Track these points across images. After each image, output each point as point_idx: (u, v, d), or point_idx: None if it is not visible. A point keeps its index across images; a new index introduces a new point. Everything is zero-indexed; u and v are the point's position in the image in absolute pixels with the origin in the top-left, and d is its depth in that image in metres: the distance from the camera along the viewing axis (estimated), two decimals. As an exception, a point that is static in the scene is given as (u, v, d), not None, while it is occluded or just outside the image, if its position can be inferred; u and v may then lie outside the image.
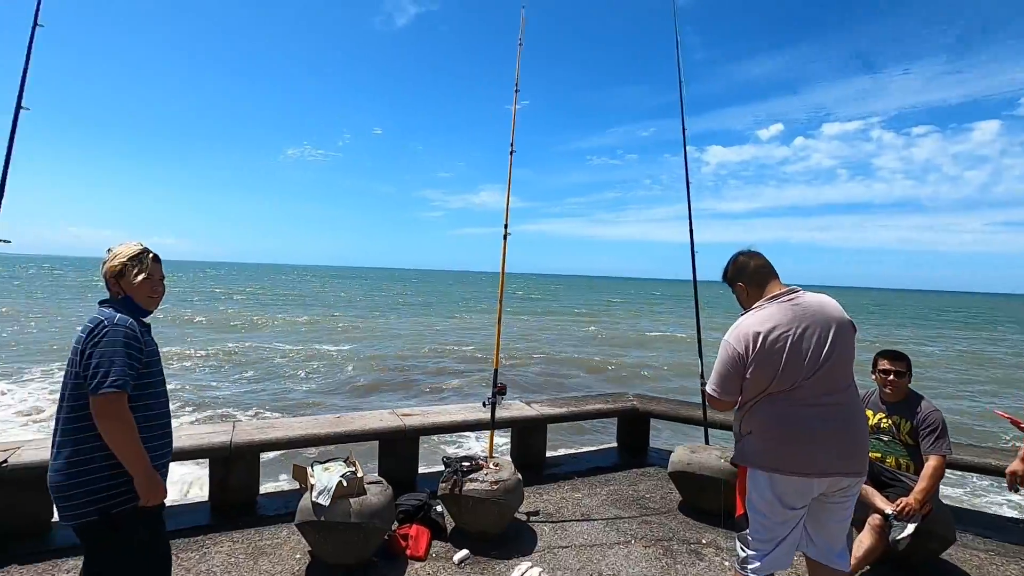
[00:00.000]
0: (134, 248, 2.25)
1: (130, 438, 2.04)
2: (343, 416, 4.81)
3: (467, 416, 4.94)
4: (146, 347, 2.17)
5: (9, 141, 2.90)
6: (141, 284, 2.22)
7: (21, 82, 2.95)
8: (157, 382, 2.25)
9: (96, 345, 2.03)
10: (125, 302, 2.21)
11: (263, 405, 11.42)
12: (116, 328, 2.07)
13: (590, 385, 15.39)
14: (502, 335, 4.49)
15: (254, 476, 4.33)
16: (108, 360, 2.01)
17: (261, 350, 19.06)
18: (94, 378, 2.00)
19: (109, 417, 2.01)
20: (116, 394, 2.00)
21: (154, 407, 2.22)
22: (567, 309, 48.92)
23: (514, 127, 4.64)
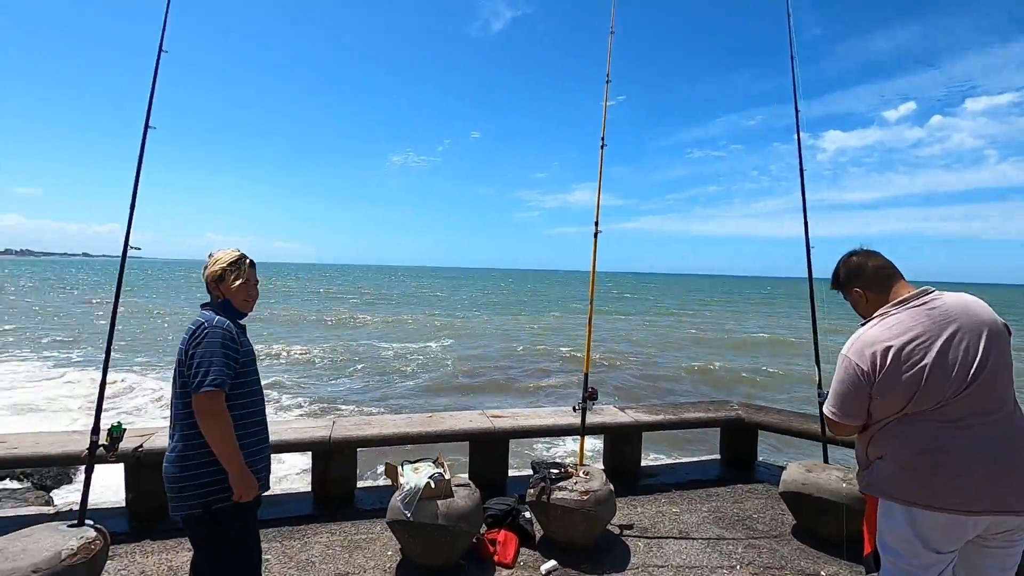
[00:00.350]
0: (233, 254, 2.37)
1: (226, 435, 2.14)
2: (435, 416, 4.87)
3: (557, 420, 4.81)
4: (242, 347, 2.27)
5: (139, 158, 3.21)
6: (239, 289, 2.34)
7: (148, 103, 3.25)
8: (252, 381, 2.35)
9: (197, 346, 2.16)
10: (224, 305, 2.33)
11: (364, 401, 12.07)
12: (215, 330, 2.18)
13: (690, 391, 14.64)
14: (595, 337, 4.31)
15: (352, 470, 4.51)
16: (208, 360, 2.12)
17: (367, 348, 20.23)
18: (195, 377, 2.12)
19: (208, 414, 2.12)
20: (214, 392, 2.10)
21: (250, 405, 2.32)
22: (664, 309, 47.05)
23: (605, 120, 4.44)
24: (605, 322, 31.66)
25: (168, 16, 3.35)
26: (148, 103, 3.24)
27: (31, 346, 18.69)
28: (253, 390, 2.34)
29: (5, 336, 21.03)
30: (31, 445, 3.85)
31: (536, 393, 13.44)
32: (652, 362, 18.59)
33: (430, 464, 3.63)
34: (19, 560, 2.52)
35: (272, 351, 18.43)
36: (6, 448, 3.79)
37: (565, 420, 4.82)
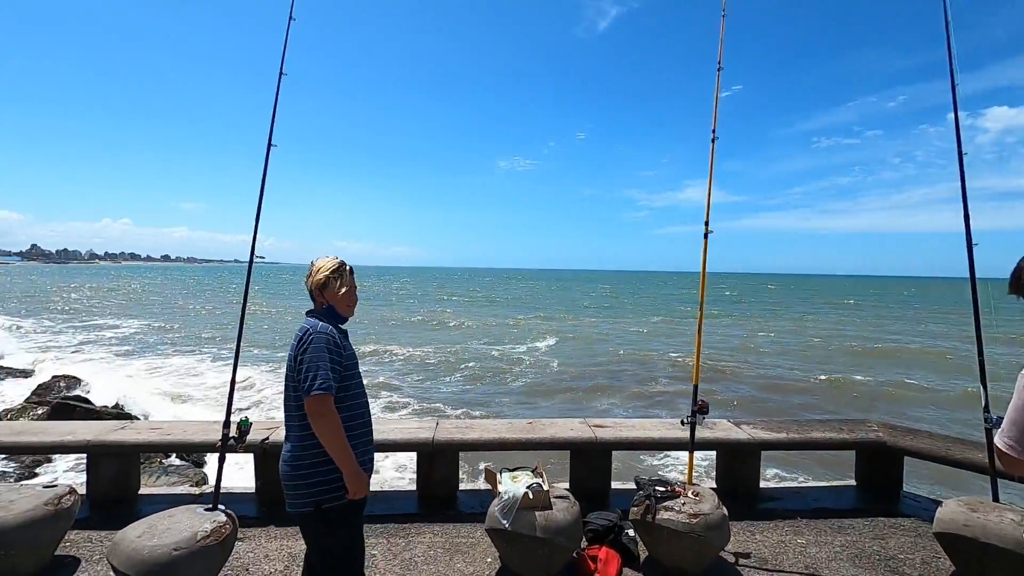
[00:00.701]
0: (333, 262, 2.46)
1: (338, 435, 2.22)
2: (535, 422, 4.81)
3: (664, 433, 4.52)
4: (345, 351, 2.35)
5: (263, 173, 3.49)
6: (344, 296, 2.44)
7: (271, 123, 3.53)
8: (356, 384, 2.42)
9: (304, 352, 2.26)
10: (328, 311, 2.43)
11: (467, 402, 12.35)
12: (319, 336, 2.27)
13: (816, 406, 13.16)
14: (708, 344, 4.00)
15: (454, 472, 4.57)
16: (315, 365, 2.21)
17: (472, 349, 20.81)
18: (305, 381, 2.22)
19: (319, 416, 2.20)
20: (324, 395, 2.19)
21: (355, 407, 2.39)
22: (786, 313, 42.84)
23: (716, 111, 4.12)
24: (719, 327, 29.77)
25: (288, 42, 3.62)
26: (271, 122, 3.52)
27: (193, 342, 21.52)
28: (357, 392, 2.42)
29: (174, 334, 24.42)
30: (180, 432, 4.35)
31: (642, 400, 12.91)
32: (772, 372, 16.96)
33: (528, 473, 3.56)
34: (164, 538, 2.82)
35: (377, 352, 19.46)
36: (160, 434, 4.31)
37: (672, 433, 4.52)
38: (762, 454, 4.70)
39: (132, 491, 4.46)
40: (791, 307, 50.25)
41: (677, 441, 4.44)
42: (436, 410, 11.44)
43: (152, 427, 4.49)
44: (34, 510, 3.25)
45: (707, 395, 3.90)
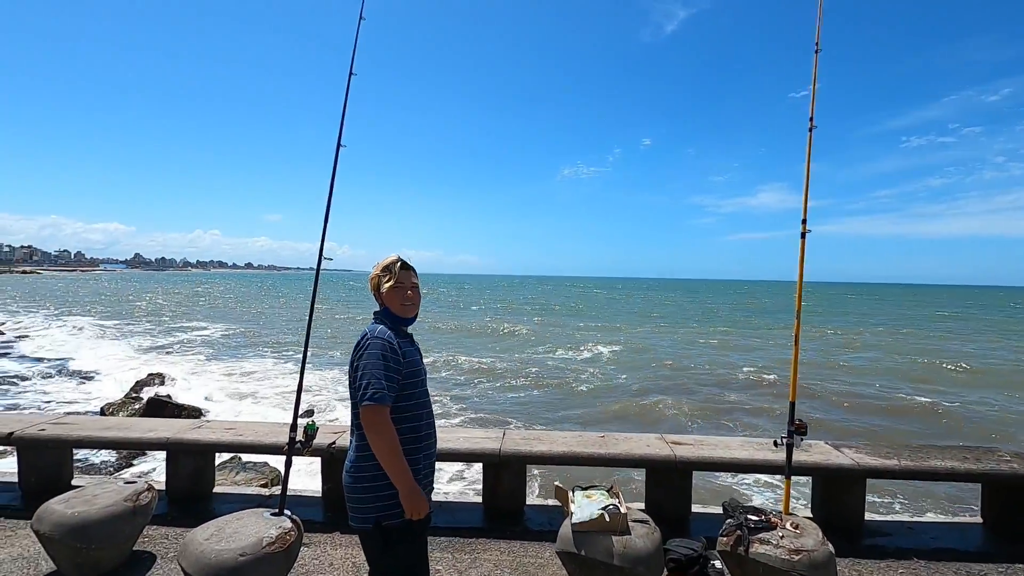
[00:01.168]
0: (387, 259, 2.30)
1: (393, 450, 2.05)
2: (608, 436, 4.50)
3: (752, 454, 4.09)
4: (405, 358, 2.17)
5: (332, 174, 3.44)
6: (391, 292, 2.25)
7: (341, 123, 3.48)
8: (420, 393, 2.25)
9: (360, 358, 2.11)
10: (384, 313, 2.27)
11: (533, 409, 12.10)
12: (375, 341, 2.12)
13: (930, 431, 11.53)
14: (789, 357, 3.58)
15: (521, 485, 4.35)
16: (369, 373, 2.06)
17: (537, 357, 20.57)
18: (359, 390, 2.08)
19: (372, 428, 2.05)
20: (375, 407, 2.03)
21: (416, 419, 2.22)
22: (876, 325, 39.37)
23: (814, 96, 3.71)
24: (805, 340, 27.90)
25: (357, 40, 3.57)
26: (340, 123, 3.48)
27: (270, 345, 22.65)
28: (420, 403, 2.24)
29: (253, 337, 25.83)
30: (251, 434, 4.40)
31: (713, 416, 12.10)
32: (864, 391, 15.26)
33: (603, 493, 3.28)
34: (231, 542, 2.77)
35: (440, 359, 19.54)
36: (233, 434, 4.37)
37: (761, 455, 4.08)
38: (867, 482, 4.16)
39: (207, 488, 4.55)
40: (879, 319, 46.30)
41: (767, 464, 4.00)
42: (499, 418, 11.27)
43: (226, 427, 4.57)
44: (115, 505, 3.33)
45: (785, 414, 3.45)
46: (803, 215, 3.61)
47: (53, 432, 4.36)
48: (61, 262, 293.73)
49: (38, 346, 20.96)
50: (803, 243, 3.60)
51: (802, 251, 3.60)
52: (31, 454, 4.43)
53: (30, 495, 4.37)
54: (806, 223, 3.60)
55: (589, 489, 3.32)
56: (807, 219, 3.60)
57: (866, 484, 4.15)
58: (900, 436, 11.11)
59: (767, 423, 11.23)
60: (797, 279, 3.56)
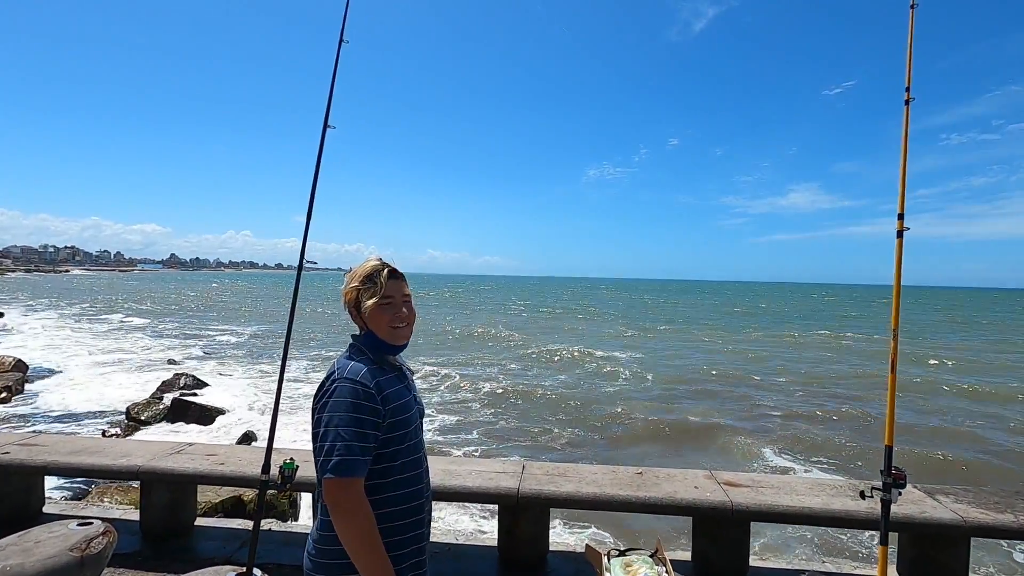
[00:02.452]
0: (368, 266, 1.66)
1: (362, 540, 1.46)
2: (647, 473, 3.81)
3: (828, 503, 3.34)
4: (388, 403, 1.56)
5: (318, 156, 2.86)
6: (376, 312, 1.62)
7: (328, 99, 2.89)
8: (410, 448, 1.62)
9: (324, 407, 1.52)
10: (368, 340, 1.65)
11: (556, 423, 11.34)
12: (342, 385, 1.51)
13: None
14: (829, 372, 2.84)
15: (543, 530, 3.69)
16: (333, 431, 1.47)
17: (561, 360, 19.83)
18: (318, 454, 1.49)
19: (337, 510, 1.47)
20: (341, 481, 1.44)
21: (400, 484, 1.60)
22: (920, 332, 36.63)
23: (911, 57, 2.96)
24: (833, 353, 26.45)
25: (347, 10, 2.97)
26: (328, 99, 2.89)
27: (297, 345, 22.44)
28: (409, 462, 1.62)
29: (281, 337, 25.69)
30: (235, 462, 3.84)
31: (752, 435, 11.01)
32: (949, 422, 12.13)
33: (646, 559, 2.60)
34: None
35: (450, 363, 18.67)
36: (214, 462, 3.82)
37: (839, 504, 3.33)
38: (971, 540, 3.37)
39: (187, 521, 4.02)
40: (926, 326, 43.38)
41: (849, 517, 3.25)
42: (517, 437, 10.53)
43: (208, 453, 4.04)
44: (57, 556, 2.78)
45: (863, 447, 2.73)
46: (900, 209, 2.87)
47: (18, 456, 3.89)
48: (102, 262, 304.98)
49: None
50: (900, 244, 2.85)
51: (899, 255, 2.86)
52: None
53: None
54: (903, 219, 2.86)
55: (629, 554, 2.65)
56: (904, 214, 2.87)
57: (971, 544, 3.36)
58: (990, 476, 8.78)
59: (827, 458, 9.66)
60: (896, 285, 2.82)
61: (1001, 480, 8.52)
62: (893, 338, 2.82)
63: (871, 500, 2.78)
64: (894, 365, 2.81)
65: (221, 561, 3.62)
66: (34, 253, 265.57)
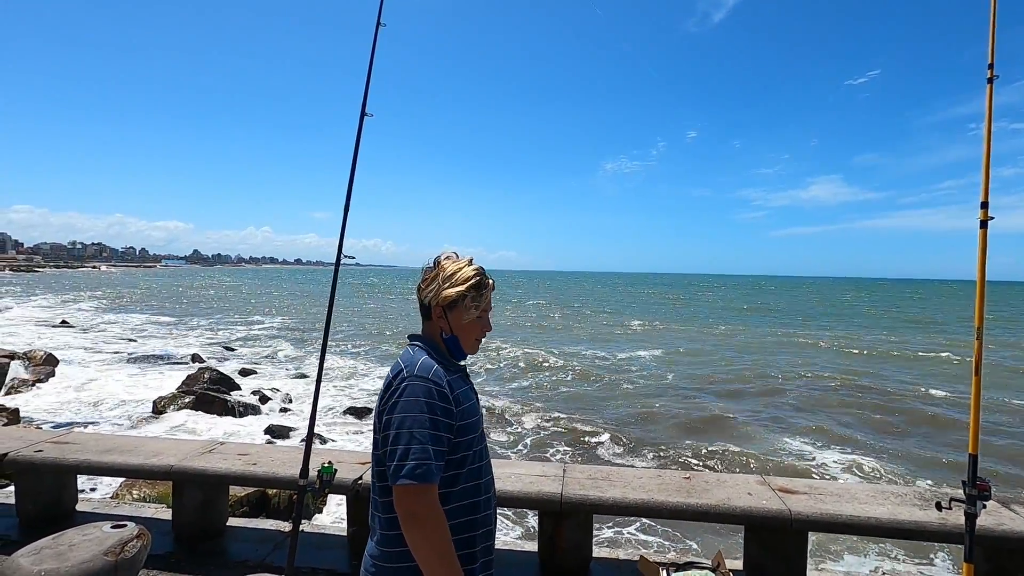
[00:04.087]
0: (471, 269, 1.55)
1: (439, 552, 1.35)
2: (695, 477, 3.62)
3: (895, 512, 3.12)
4: (458, 405, 1.45)
5: (355, 145, 2.73)
6: (473, 324, 1.55)
7: (366, 87, 2.75)
8: (477, 454, 1.51)
9: (394, 408, 1.39)
10: (451, 343, 1.55)
11: (587, 419, 11.16)
12: (415, 383, 1.39)
13: None
14: (843, 366, 2.61)
15: (587, 537, 3.53)
16: (407, 433, 1.35)
17: (584, 358, 19.63)
18: (391, 458, 1.37)
19: (412, 520, 1.35)
20: (418, 488, 1.33)
21: (475, 493, 1.50)
22: (953, 330, 35.14)
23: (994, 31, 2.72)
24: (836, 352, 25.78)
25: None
26: (365, 90, 2.75)
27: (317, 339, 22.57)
28: (477, 468, 1.51)
29: (303, 332, 25.91)
30: (268, 462, 3.74)
31: (785, 433, 10.78)
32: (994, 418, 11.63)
33: (709, 574, 2.43)
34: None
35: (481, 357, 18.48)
36: (246, 462, 3.73)
37: (906, 512, 3.11)
38: (1053, 555, 3.12)
39: (219, 522, 3.94)
40: (954, 322, 41.99)
41: (919, 528, 3.02)
42: (552, 430, 10.36)
43: (240, 452, 3.95)
44: (92, 561, 2.71)
45: (927, 449, 2.51)
46: (983, 197, 2.63)
47: (51, 455, 3.84)
48: (127, 258, 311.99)
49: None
50: (984, 235, 2.62)
51: (982, 247, 2.63)
52: (27, 478, 3.93)
53: (27, 523, 3.89)
54: (987, 208, 2.63)
55: (690, 568, 2.47)
56: (988, 202, 2.63)
57: (1052, 558, 3.12)
58: None
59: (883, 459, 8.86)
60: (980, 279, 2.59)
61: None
62: (977, 338, 2.59)
63: (947, 512, 2.58)
64: (978, 367, 2.58)
65: (255, 564, 3.54)
66: (63, 250, 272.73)
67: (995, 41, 2.71)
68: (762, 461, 7.89)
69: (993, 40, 2.71)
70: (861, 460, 8.52)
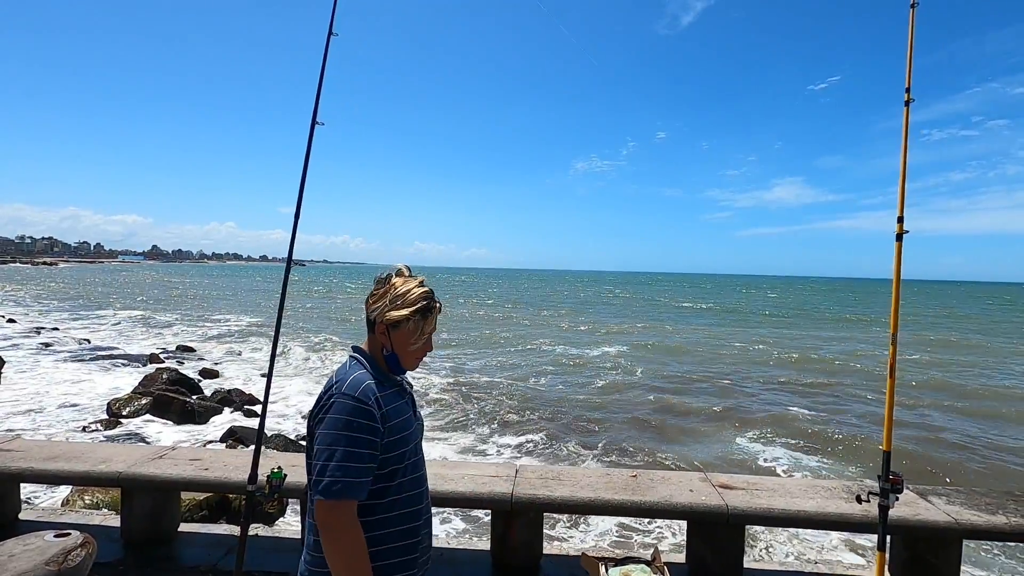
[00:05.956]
0: (420, 291, 1.58)
1: (346, 564, 1.40)
2: (641, 475, 3.77)
3: (823, 505, 3.33)
4: (388, 420, 1.49)
5: (306, 154, 2.76)
6: (416, 349, 1.59)
7: (316, 95, 2.78)
8: (409, 467, 1.56)
9: (321, 423, 1.45)
10: (391, 360, 1.59)
11: (544, 420, 11.27)
12: (342, 401, 1.44)
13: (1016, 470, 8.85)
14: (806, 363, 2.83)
15: (537, 535, 3.64)
16: (327, 450, 1.40)
17: (547, 355, 19.82)
18: (311, 472, 1.43)
19: (325, 531, 1.41)
20: (332, 504, 1.38)
21: (399, 505, 1.54)
22: (917, 328, 36.47)
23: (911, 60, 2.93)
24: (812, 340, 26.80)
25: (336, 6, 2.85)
26: (316, 96, 2.78)
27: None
28: (403, 482, 1.55)
29: (270, 328, 25.36)
30: (220, 467, 3.73)
31: (737, 430, 11.08)
32: (941, 419, 11.85)
33: (644, 569, 2.57)
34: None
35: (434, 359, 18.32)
36: (197, 467, 3.71)
37: (834, 506, 3.32)
38: (963, 544, 3.38)
39: (170, 527, 3.90)
40: (923, 318, 43.72)
41: (844, 520, 3.24)
42: (506, 433, 10.45)
43: (192, 457, 3.92)
44: (32, 571, 2.67)
45: (856, 442, 2.71)
46: (899, 212, 2.85)
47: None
48: (81, 253, 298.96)
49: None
50: (899, 248, 2.83)
51: (898, 259, 2.84)
52: (-34, 488, 3.82)
53: (-33, 534, 3.77)
54: (903, 221, 2.84)
55: (628, 563, 2.61)
56: (903, 217, 2.84)
57: (963, 546, 3.38)
58: (980, 477, 8.59)
59: (827, 459, 9.08)
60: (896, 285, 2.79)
61: (989, 478, 8.57)
62: (892, 343, 2.80)
63: (867, 504, 2.77)
64: (892, 370, 2.79)
65: (206, 569, 3.53)
66: (10, 244, 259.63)
67: (912, 69, 2.92)
68: (707, 458, 8.22)
69: (910, 68, 2.92)
70: (802, 455, 8.94)
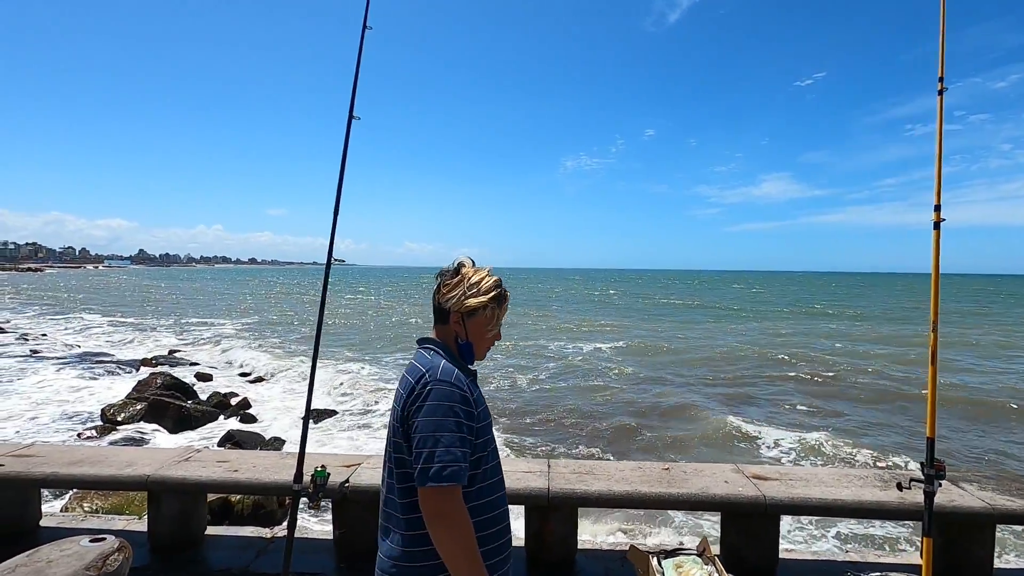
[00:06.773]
0: (491, 280, 1.60)
1: (467, 549, 1.39)
2: (673, 468, 3.78)
3: (859, 494, 3.35)
4: (476, 408, 1.50)
5: (344, 149, 2.72)
6: (490, 340, 1.63)
7: (353, 89, 2.75)
8: (491, 453, 1.57)
9: (419, 411, 1.43)
10: (464, 350, 1.59)
11: (561, 410, 11.27)
12: (441, 387, 1.44)
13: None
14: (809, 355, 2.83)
15: (572, 529, 3.64)
16: (433, 437, 1.39)
17: (554, 351, 19.83)
18: (418, 460, 1.40)
19: (441, 521, 1.38)
20: (448, 489, 1.37)
21: (488, 490, 1.55)
22: (905, 320, 37.31)
23: (943, 48, 2.95)
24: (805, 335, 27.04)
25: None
26: (352, 91, 2.75)
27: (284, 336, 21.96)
28: (492, 467, 1.56)
29: (267, 330, 25.15)
30: (249, 468, 3.69)
31: (760, 421, 11.08)
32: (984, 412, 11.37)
33: (695, 560, 2.56)
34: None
35: None
36: (227, 468, 3.66)
37: (869, 494, 3.34)
38: (997, 530, 3.42)
39: (198, 531, 3.85)
40: (907, 311, 44.37)
41: (881, 508, 3.26)
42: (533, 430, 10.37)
43: (219, 459, 3.87)
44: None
45: (885, 431, 2.73)
46: (936, 200, 2.85)
47: (13, 468, 3.66)
48: (66, 259, 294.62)
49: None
50: (937, 236, 2.84)
51: (936, 247, 2.85)
52: (-12, 494, 3.74)
53: (-12, 542, 3.69)
54: (940, 210, 2.85)
55: (678, 555, 2.60)
56: (940, 205, 2.86)
57: (995, 531, 3.41)
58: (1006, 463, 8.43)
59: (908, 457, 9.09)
60: (934, 274, 2.81)
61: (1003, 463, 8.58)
62: (932, 330, 2.81)
63: (907, 491, 2.78)
64: (934, 357, 2.80)
65: (239, 571, 3.49)
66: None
67: (944, 59, 2.93)
68: (716, 451, 8.26)
69: (943, 58, 2.93)
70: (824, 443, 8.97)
